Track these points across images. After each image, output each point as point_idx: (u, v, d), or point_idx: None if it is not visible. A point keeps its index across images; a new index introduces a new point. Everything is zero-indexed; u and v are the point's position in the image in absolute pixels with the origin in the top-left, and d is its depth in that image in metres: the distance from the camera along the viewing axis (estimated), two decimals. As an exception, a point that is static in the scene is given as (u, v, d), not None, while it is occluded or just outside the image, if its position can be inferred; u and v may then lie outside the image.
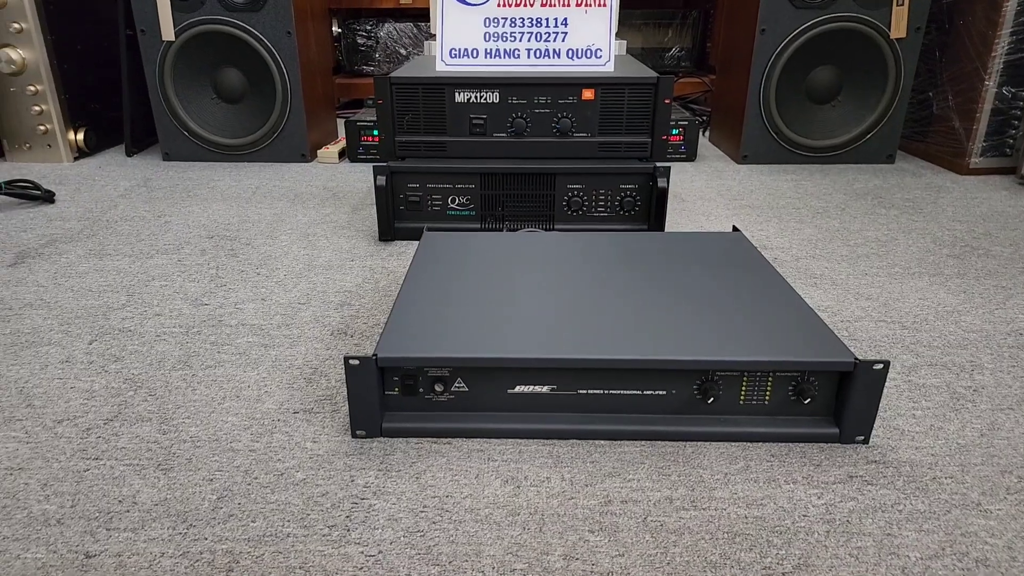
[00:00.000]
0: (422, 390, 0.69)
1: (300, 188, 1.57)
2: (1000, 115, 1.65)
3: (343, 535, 0.56)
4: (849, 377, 0.66)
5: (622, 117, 1.23)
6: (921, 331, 0.91)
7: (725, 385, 0.68)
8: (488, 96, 1.21)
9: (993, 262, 1.14)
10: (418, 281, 0.82)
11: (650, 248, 0.93)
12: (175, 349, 0.86)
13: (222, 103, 1.77)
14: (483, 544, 0.56)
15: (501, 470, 0.64)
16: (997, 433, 0.70)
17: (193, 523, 0.58)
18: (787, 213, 1.41)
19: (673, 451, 0.67)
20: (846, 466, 0.65)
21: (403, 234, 1.24)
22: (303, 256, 1.17)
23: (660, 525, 0.57)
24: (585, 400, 0.69)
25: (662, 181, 1.19)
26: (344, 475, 0.63)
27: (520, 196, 1.22)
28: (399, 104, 1.22)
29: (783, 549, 0.55)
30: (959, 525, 0.57)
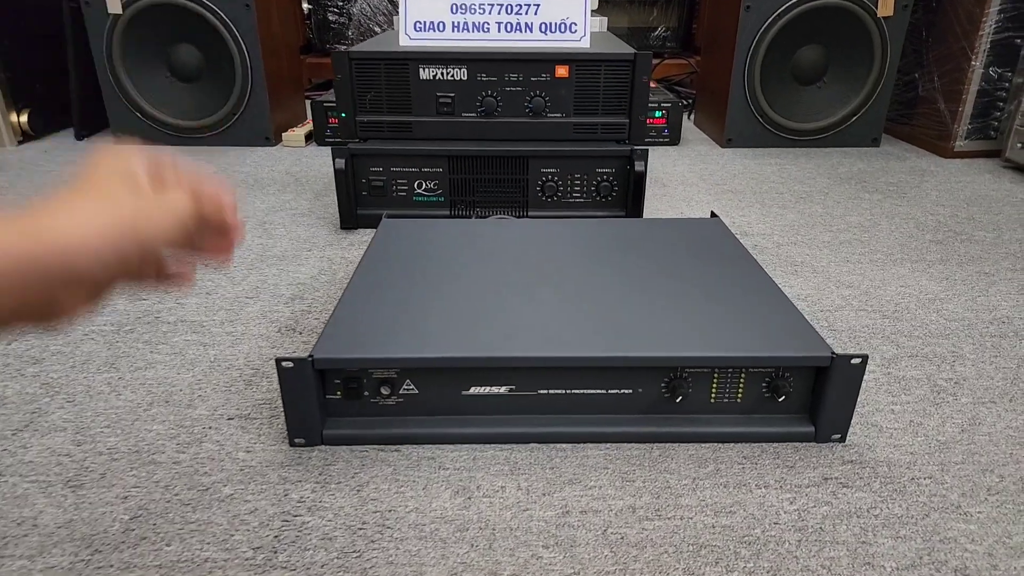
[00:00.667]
0: (367, 393, 0.63)
1: (261, 173, 1.50)
2: (986, 97, 1.61)
3: (268, 558, 0.51)
4: (826, 372, 0.61)
5: (598, 96, 1.17)
6: (902, 320, 0.87)
7: (695, 383, 0.63)
8: (455, 73, 1.15)
9: (976, 247, 1.11)
10: (369, 273, 0.76)
11: (623, 236, 0.87)
12: (103, 349, 0.80)
13: (177, 82, 1.68)
14: (425, 564, 0.50)
15: (452, 479, 0.59)
16: (978, 428, 0.66)
17: (99, 548, 0.52)
18: (770, 198, 1.36)
19: (639, 454, 0.62)
20: (821, 467, 0.60)
21: (366, 222, 1.17)
22: (256, 246, 1.10)
23: (621, 538, 0.53)
24: (545, 401, 0.64)
25: (639, 164, 1.13)
26: (277, 488, 0.58)
27: (491, 181, 1.16)
28: (359, 81, 1.15)
29: (751, 562, 0.50)
30: (937, 530, 0.53)
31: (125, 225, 0.35)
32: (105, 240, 0.34)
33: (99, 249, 0.33)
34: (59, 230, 0.32)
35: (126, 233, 0.34)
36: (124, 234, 0.34)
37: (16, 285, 0.31)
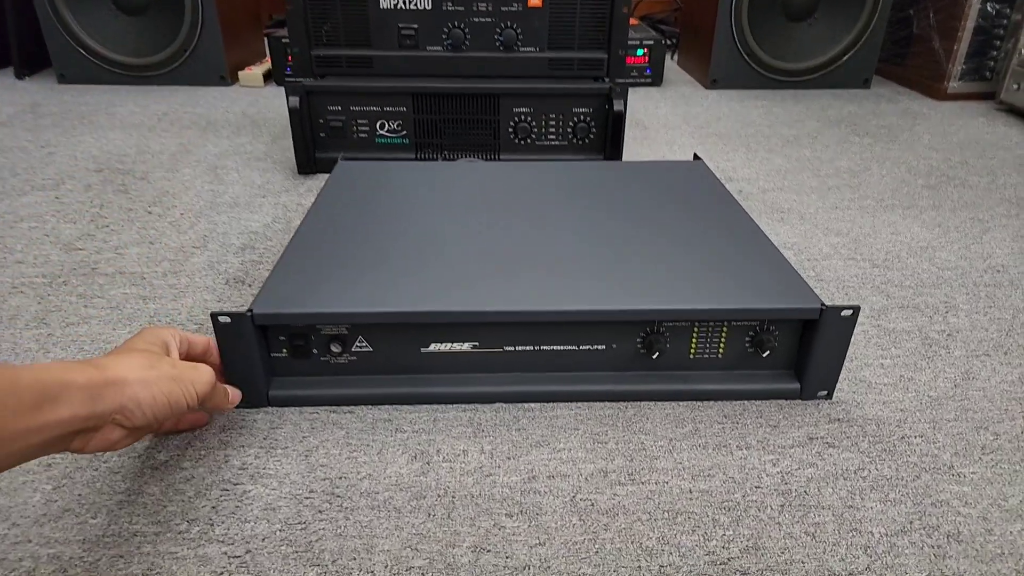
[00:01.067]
0: (316, 351, 0.57)
1: (215, 114, 1.40)
2: (982, 34, 1.54)
3: (204, 531, 0.46)
4: (814, 325, 0.56)
5: (574, 29, 1.08)
6: (893, 269, 0.82)
7: (673, 337, 0.58)
8: (419, 1, 1.05)
9: (969, 193, 1.06)
10: (320, 220, 0.69)
11: (599, 179, 0.81)
12: (32, 303, 0.73)
13: (122, 15, 1.54)
14: (376, 536, 0.46)
15: (409, 443, 0.54)
16: (972, 383, 0.62)
17: (17, 521, 0.47)
18: (756, 142, 1.30)
19: (612, 414, 0.58)
20: (806, 426, 0.56)
21: (325, 166, 1.09)
22: (206, 192, 1.02)
23: (591, 504, 0.49)
24: (512, 358, 0.59)
25: (618, 104, 1.06)
26: (217, 455, 0.53)
27: (459, 121, 1.08)
28: (314, 11, 1.05)
29: (731, 529, 0.47)
30: (929, 493, 0.50)
31: (163, 384, 0.44)
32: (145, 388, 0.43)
33: (141, 396, 0.42)
34: (116, 371, 0.42)
35: (163, 390, 0.44)
36: (161, 390, 0.43)
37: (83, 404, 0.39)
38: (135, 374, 0.43)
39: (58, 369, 0.39)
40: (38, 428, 0.37)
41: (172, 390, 0.44)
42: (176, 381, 0.45)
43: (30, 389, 0.37)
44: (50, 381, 0.38)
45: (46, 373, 0.38)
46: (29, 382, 0.37)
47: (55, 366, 0.39)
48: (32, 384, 0.37)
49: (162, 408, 0.44)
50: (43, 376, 0.38)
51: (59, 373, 0.39)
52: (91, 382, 0.40)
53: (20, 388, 0.36)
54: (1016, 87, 1.46)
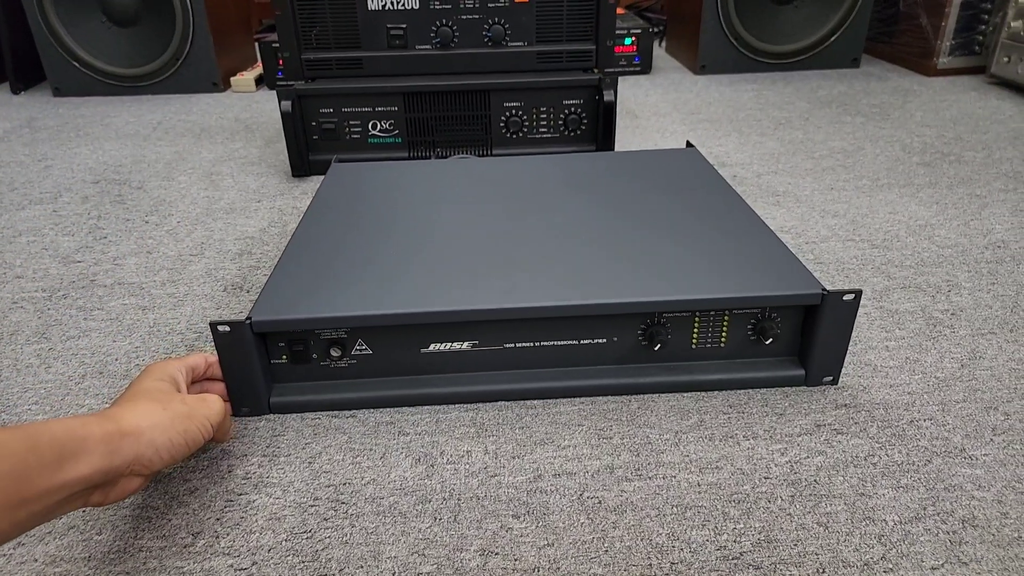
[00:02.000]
0: (315, 356, 0.57)
1: (209, 121, 1.39)
2: (970, 9, 1.53)
3: (210, 544, 0.46)
4: (816, 311, 0.56)
5: (562, 22, 1.08)
6: (892, 249, 0.82)
7: (674, 328, 0.58)
8: (406, 1, 1.04)
9: (966, 168, 1.05)
10: (315, 224, 0.69)
11: (592, 171, 0.80)
12: (32, 318, 0.72)
13: (114, 27, 1.54)
14: (383, 543, 0.46)
15: (413, 446, 0.54)
16: (979, 363, 0.62)
17: (22, 540, 0.46)
18: (747, 126, 1.29)
19: (616, 408, 0.57)
20: (813, 413, 0.56)
21: (319, 168, 1.09)
22: (202, 199, 1.01)
23: (598, 502, 0.48)
24: (512, 356, 0.58)
25: (608, 94, 1.05)
26: (220, 465, 0.52)
27: (451, 118, 1.08)
28: (303, 15, 1.04)
29: (741, 522, 0.46)
30: (942, 477, 0.49)
31: (178, 424, 0.44)
32: (162, 432, 0.43)
33: (158, 442, 0.43)
34: (131, 421, 0.42)
35: (179, 430, 0.44)
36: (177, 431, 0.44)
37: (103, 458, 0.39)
38: (148, 420, 0.43)
39: (75, 425, 0.39)
40: (59, 486, 0.37)
41: (187, 428, 0.45)
42: (189, 418, 0.45)
43: (50, 447, 0.36)
44: (68, 438, 0.37)
45: (63, 430, 0.38)
46: (48, 440, 0.36)
47: (71, 422, 0.39)
48: (51, 442, 0.36)
49: (180, 449, 0.44)
50: (60, 433, 0.37)
51: (76, 429, 0.38)
52: (108, 435, 0.40)
53: (40, 446, 0.36)
54: (1007, 60, 1.45)
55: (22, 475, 0.35)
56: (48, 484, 0.36)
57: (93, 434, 0.39)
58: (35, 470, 0.35)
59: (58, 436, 0.37)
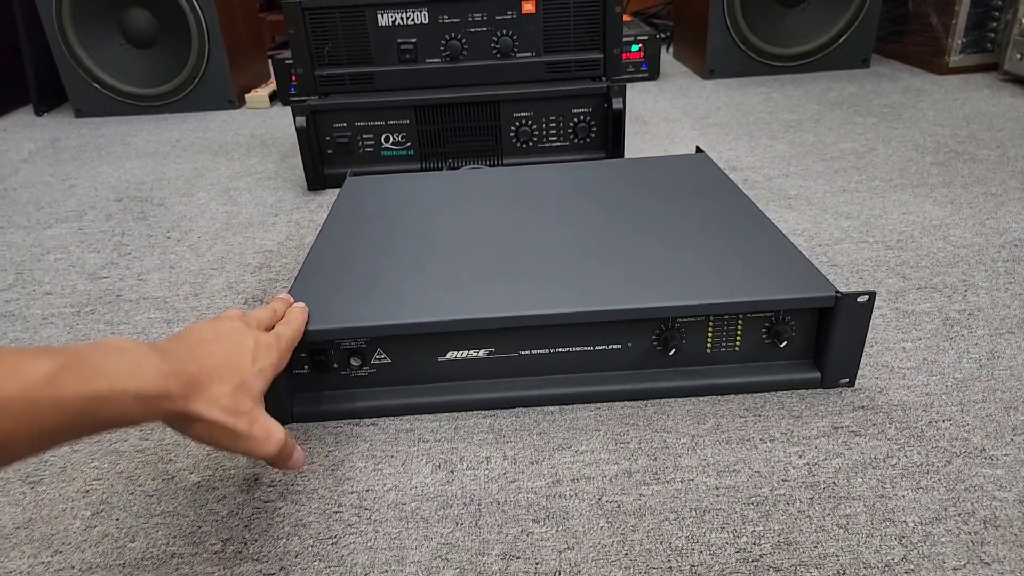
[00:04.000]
0: (336, 366, 0.58)
1: (225, 138, 1.42)
2: (980, 6, 1.52)
3: (239, 550, 0.47)
4: (830, 313, 0.56)
5: (569, 31, 1.09)
6: (907, 250, 0.82)
7: (688, 333, 0.58)
8: (415, 16, 1.06)
9: (980, 167, 1.05)
10: (332, 237, 0.70)
11: (603, 178, 0.81)
12: (62, 333, 0.74)
13: (132, 49, 1.57)
14: (407, 547, 0.47)
15: (433, 452, 0.55)
16: (998, 363, 0.61)
17: (59, 548, 0.48)
18: (757, 129, 1.29)
19: (632, 413, 0.58)
20: (830, 415, 0.56)
21: (334, 182, 1.10)
22: (221, 214, 1.04)
23: (617, 506, 0.49)
24: (529, 362, 0.59)
25: (617, 101, 1.06)
26: (247, 473, 0.54)
27: (461, 129, 1.09)
28: (315, 33, 1.06)
29: (760, 524, 0.47)
30: (962, 478, 0.49)
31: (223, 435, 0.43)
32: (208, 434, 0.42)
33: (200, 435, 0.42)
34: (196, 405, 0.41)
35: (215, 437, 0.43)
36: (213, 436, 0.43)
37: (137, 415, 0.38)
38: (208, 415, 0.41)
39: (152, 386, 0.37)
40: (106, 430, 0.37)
41: (220, 442, 0.43)
42: (235, 439, 0.43)
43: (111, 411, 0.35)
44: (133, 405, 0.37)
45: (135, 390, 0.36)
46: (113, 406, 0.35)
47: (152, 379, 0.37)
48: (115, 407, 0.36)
49: (203, 443, 0.43)
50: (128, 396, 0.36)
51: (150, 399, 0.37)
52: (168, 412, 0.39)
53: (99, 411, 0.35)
54: (1019, 57, 1.44)
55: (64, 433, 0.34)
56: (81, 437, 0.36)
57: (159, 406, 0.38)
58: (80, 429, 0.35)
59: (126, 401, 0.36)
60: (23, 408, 0.32)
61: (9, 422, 0.31)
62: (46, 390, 0.32)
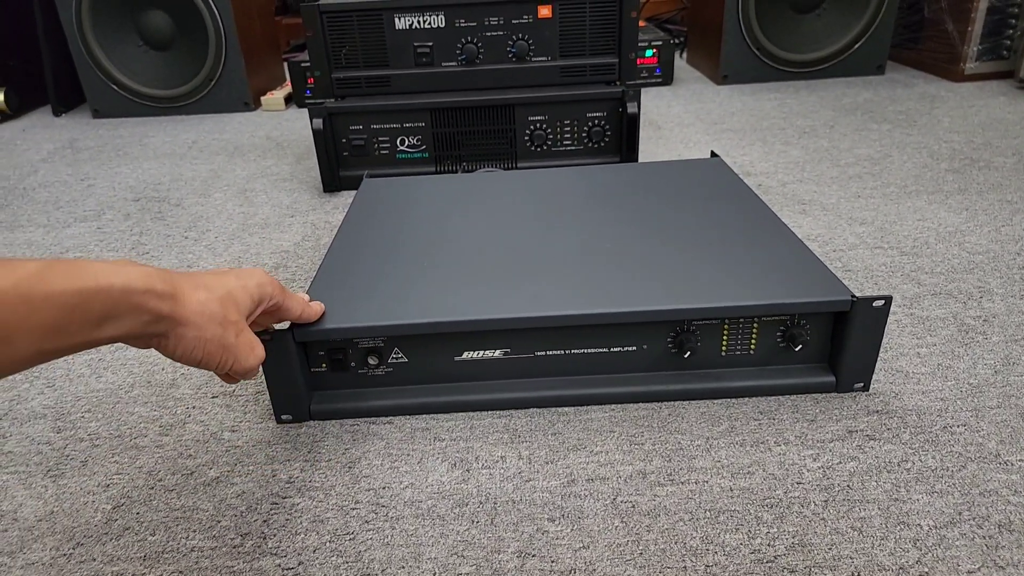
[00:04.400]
0: (354, 364, 0.59)
1: (241, 139, 1.43)
2: (996, 14, 1.52)
3: (258, 544, 0.48)
4: (846, 317, 0.56)
5: (584, 36, 1.10)
6: (922, 256, 0.82)
7: (703, 335, 0.59)
8: (432, 20, 1.07)
9: (996, 174, 1.05)
10: (350, 237, 0.71)
11: (618, 182, 0.82)
12: (81, 331, 0.75)
13: (150, 51, 1.60)
14: (423, 544, 0.47)
15: (448, 451, 0.55)
16: (1013, 368, 0.61)
17: (81, 541, 0.49)
18: (771, 135, 1.29)
19: (647, 415, 0.58)
20: (844, 420, 0.56)
21: (349, 183, 1.12)
22: (238, 214, 1.05)
23: (632, 506, 0.49)
24: (544, 363, 0.60)
25: (632, 106, 1.07)
26: (265, 469, 0.54)
27: (476, 133, 1.10)
28: (332, 36, 1.08)
29: (774, 526, 0.47)
30: (977, 482, 0.50)
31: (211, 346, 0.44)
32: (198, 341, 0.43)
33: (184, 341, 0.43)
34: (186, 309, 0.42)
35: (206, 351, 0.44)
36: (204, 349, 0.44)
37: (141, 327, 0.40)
38: (200, 323, 0.42)
39: (137, 284, 0.38)
40: (92, 342, 0.37)
41: (211, 353, 0.44)
42: (224, 350, 0.45)
43: (101, 307, 0.36)
44: (122, 298, 0.37)
45: (122, 288, 0.37)
46: (102, 300, 0.36)
47: (136, 278, 0.38)
48: (104, 301, 0.36)
49: (191, 361, 0.44)
50: (117, 292, 0.37)
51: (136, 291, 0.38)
52: (158, 310, 0.40)
53: (91, 305, 0.36)
54: (1038, 65, 1.43)
55: (62, 329, 0.35)
56: (82, 340, 0.37)
57: (146, 303, 0.39)
58: (76, 326, 0.36)
59: (114, 295, 0.37)
60: (18, 301, 0.33)
61: (7, 314, 0.33)
62: (38, 284, 0.34)
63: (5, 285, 0.33)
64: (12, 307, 0.33)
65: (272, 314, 0.52)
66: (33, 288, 0.34)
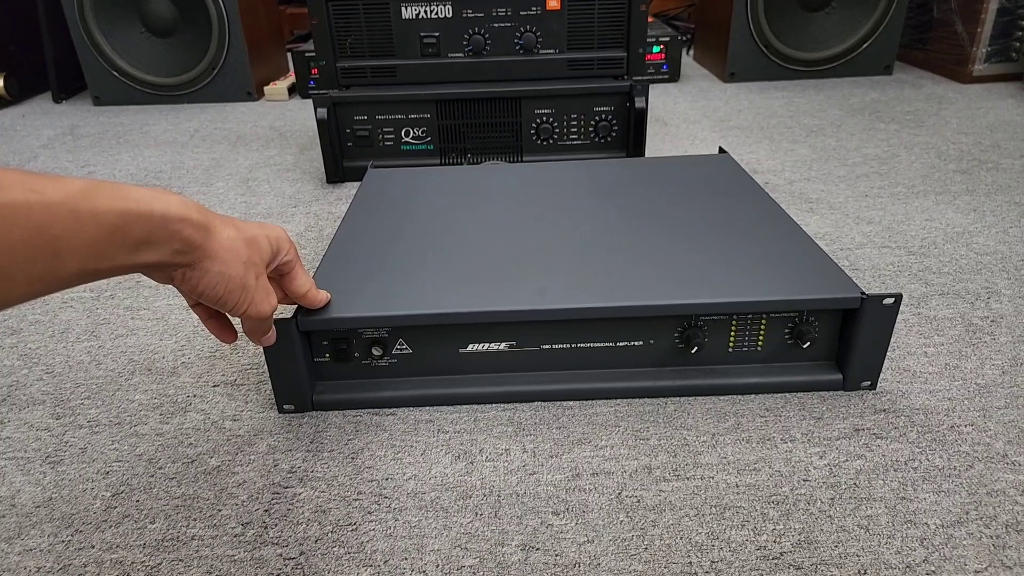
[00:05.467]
0: (357, 355, 0.58)
1: (244, 129, 1.43)
2: (1007, 15, 1.51)
3: (258, 534, 0.47)
4: (855, 315, 0.56)
5: (593, 29, 1.09)
6: (929, 256, 0.81)
7: (711, 331, 0.58)
8: (439, 9, 1.06)
9: (1004, 176, 1.04)
10: (355, 227, 0.70)
11: (625, 176, 0.81)
12: (82, 317, 0.75)
13: (152, 38, 1.59)
14: (426, 536, 0.47)
15: (452, 443, 0.55)
16: (1020, 369, 0.61)
17: (80, 528, 0.48)
18: (779, 133, 1.28)
19: (653, 410, 0.58)
20: (851, 418, 0.56)
21: (353, 174, 1.11)
22: (240, 204, 1.04)
23: (637, 501, 0.49)
24: (549, 356, 0.59)
25: (639, 100, 1.06)
26: (267, 459, 0.54)
27: (482, 125, 1.09)
28: (338, 24, 1.07)
29: (780, 523, 0.46)
30: (984, 482, 0.49)
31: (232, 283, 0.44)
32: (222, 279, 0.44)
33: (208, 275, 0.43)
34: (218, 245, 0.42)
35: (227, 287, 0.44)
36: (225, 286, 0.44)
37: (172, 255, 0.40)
38: (225, 258, 0.43)
39: (174, 212, 0.39)
40: (128, 267, 0.38)
41: (232, 291, 0.44)
42: (244, 290, 0.45)
43: (139, 232, 0.37)
44: (160, 226, 0.38)
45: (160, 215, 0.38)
46: (142, 225, 0.37)
47: (173, 206, 0.39)
48: (143, 228, 0.37)
49: (211, 297, 0.44)
50: (156, 218, 0.38)
51: (173, 219, 0.38)
52: (191, 240, 0.40)
53: (129, 229, 0.36)
54: (1047, 67, 1.43)
55: (101, 253, 0.35)
56: (120, 263, 0.37)
57: (182, 231, 0.39)
58: (115, 248, 0.36)
59: (154, 220, 0.37)
60: (68, 215, 0.33)
61: (58, 227, 0.33)
62: (84, 202, 0.34)
63: (56, 199, 0.33)
64: (62, 220, 0.33)
65: (283, 277, 0.52)
66: (80, 205, 0.34)
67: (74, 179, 0.35)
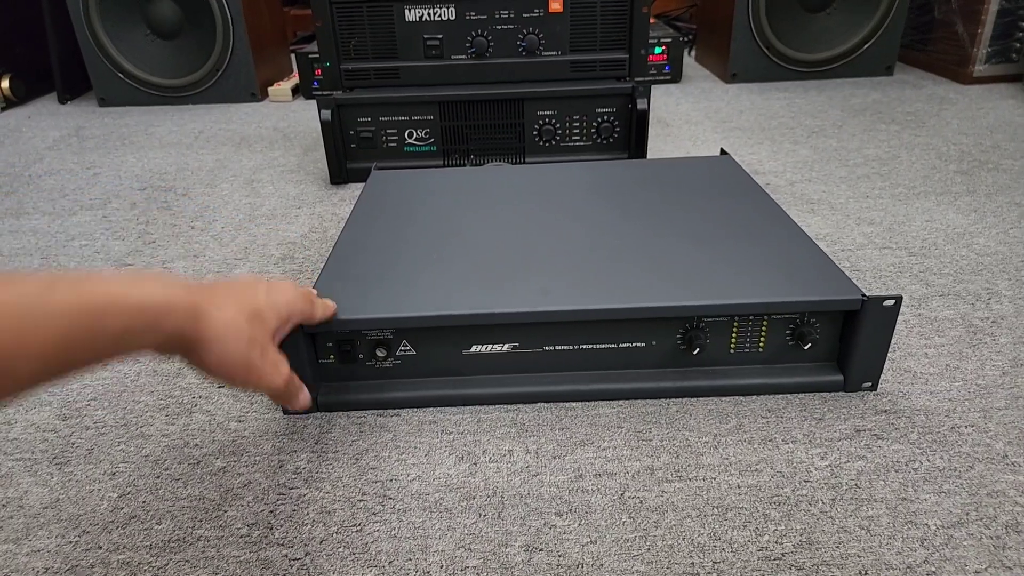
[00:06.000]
0: (362, 356, 0.59)
1: (248, 130, 1.43)
2: (1007, 16, 1.51)
3: (264, 535, 0.48)
4: (855, 316, 0.56)
5: (595, 31, 1.09)
6: (930, 257, 0.81)
7: (712, 332, 0.58)
8: (442, 12, 1.07)
9: (1004, 176, 1.04)
10: (359, 229, 0.71)
11: (627, 178, 0.82)
12: (88, 319, 0.75)
13: (157, 39, 1.59)
14: (430, 537, 0.47)
15: (456, 444, 0.55)
16: (1021, 371, 0.61)
17: (87, 529, 0.49)
18: (780, 134, 1.29)
19: (655, 411, 0.58)
20: (852, 419, 0.56)
21: (356, 176, 1.11)
22: (244, 205, 1.05)
23: (639, 502, 0.49)
24: (552, 358, 0.59)
25: (641, 102, 1.06)
26: (272, 460, 0.54)
27: (485, 127, 1.10)
28: (342, 26, 1.07)
29: (782, 523, 0.47)
30: (984, 483, 0.49)
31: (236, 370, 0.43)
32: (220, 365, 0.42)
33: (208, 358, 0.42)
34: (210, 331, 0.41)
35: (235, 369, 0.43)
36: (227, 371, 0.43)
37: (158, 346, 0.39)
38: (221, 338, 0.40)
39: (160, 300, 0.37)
40: (105, 359, 0.36)
41: (235, 373, 0.43)
42: (248, 370, 0.43)
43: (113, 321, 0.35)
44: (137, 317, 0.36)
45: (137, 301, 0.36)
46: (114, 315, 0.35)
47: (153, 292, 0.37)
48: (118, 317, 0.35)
49: (215, 378, 0.43)
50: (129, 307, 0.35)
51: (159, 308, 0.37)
52: (176, 331, 0.38)
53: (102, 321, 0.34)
54: (1049, 68, 1.43)
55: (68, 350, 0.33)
56: (100, 355, 0.35)
57: (163, 322, 0.37)
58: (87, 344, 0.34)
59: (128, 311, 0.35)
60: (20, 317, 0.31)
61: (7, 332, 0.30)
62: (40, 298, 0.32)
63: (5, 298, 0.31)
64: (12, 324, 0.31)
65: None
66: (35, 303, 0.32)
67: (39, 274, 0.33)
